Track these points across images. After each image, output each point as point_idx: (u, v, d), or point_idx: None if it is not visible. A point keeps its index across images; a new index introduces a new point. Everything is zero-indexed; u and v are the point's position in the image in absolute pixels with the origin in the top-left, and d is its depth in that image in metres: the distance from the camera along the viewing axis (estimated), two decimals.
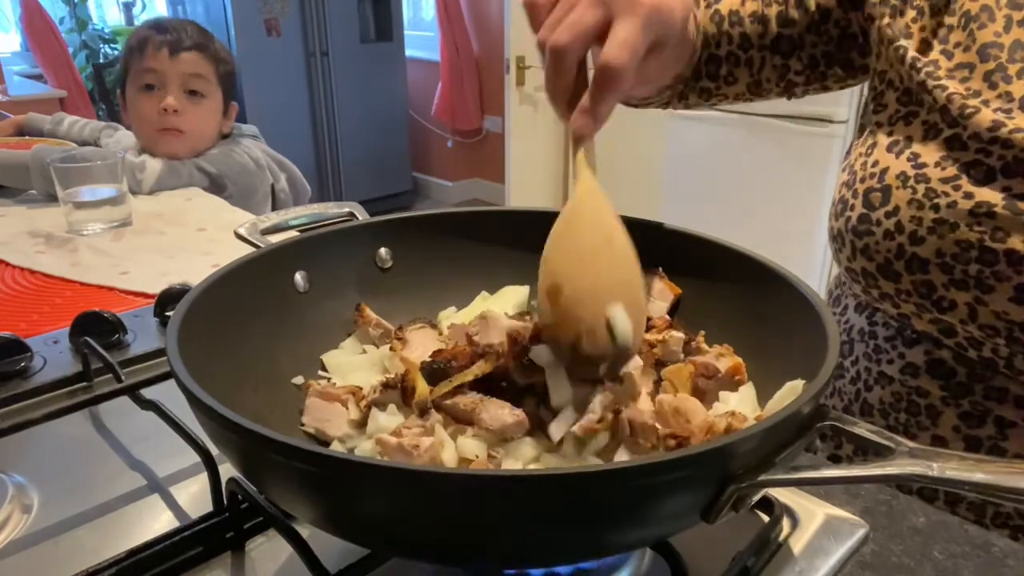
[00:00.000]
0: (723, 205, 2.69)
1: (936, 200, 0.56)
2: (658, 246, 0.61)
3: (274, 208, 1.62)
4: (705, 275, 0.58)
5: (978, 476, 0.33)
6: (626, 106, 0.77)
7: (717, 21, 0.71)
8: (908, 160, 0.58)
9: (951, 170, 0.55)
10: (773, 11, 0.69)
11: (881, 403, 0.65)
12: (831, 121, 2.35)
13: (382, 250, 0.64)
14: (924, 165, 0.57)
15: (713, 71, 0.72)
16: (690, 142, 2.80)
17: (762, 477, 0.36)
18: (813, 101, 0.81)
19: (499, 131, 4.13)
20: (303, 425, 0.52)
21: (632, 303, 0.46)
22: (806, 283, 0.50)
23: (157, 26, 1.52)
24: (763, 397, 0.51)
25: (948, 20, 0.59)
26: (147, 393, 0.61)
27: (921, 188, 0.56)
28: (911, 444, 0.36)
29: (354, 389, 0.53)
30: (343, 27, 4.15)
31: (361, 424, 0.51)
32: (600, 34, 0.48)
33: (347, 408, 0.52)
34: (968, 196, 0.54)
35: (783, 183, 2.51)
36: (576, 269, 0.47)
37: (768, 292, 0.52)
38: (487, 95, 4.39)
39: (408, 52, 4.47)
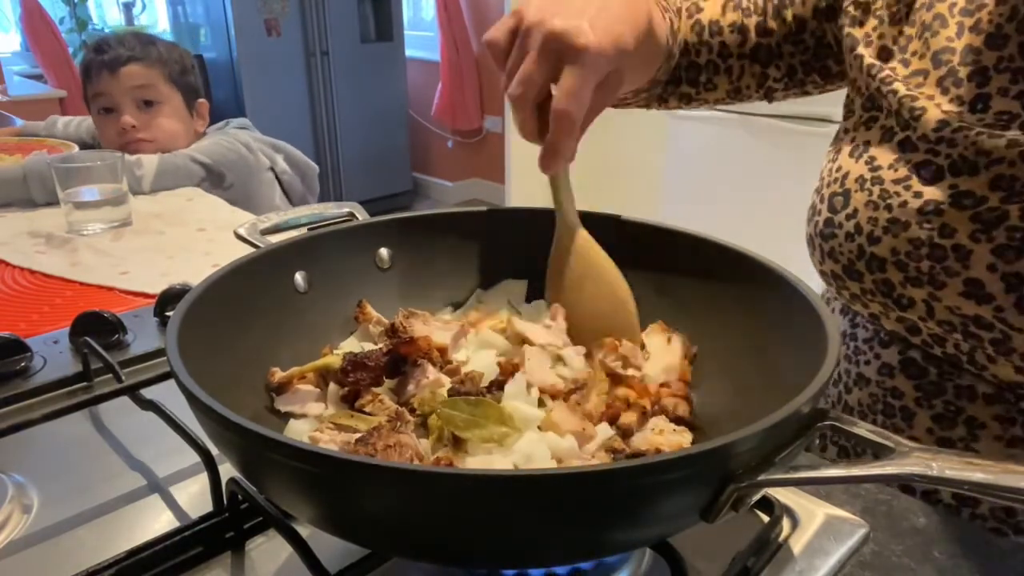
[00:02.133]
0: (723, 205, 2.69)
1: (889, 200, 0.58)
2: (658, 247, 0.61)
3: (283, 191, 1.61)
4: (705, 275, 0.58)
5: (978, 476, 0.33)
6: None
7: (697, 31, 0.73)
8: (866, 163, 0.60)
9: (903, 171, 0.58)
10: (752, 22, 0.71)
11: (860, 404, 0.66)
12: (831, 121, 2.35)
13: (382, 250, 0.64)
14: (879, 167, 0.59)
15: (693, 77, 0.74)
16: (690, 142, 2.80)
17: (762, 477, 0.36)
18: (812, 101, 0.82)
19: (499, 131, 4.14)
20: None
21: (622, 319, 0.57)
22: (806, 283, 0.50)
23: (96, 47, 1.50)
24: (762, 400, 0.51)
25: (908, 30, 0.60)
26: (147, 393, 0.61)
27: (876, 190, 0.59)
28: (911, 444, 0.36)
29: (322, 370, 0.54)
30: (343, 27, 4.14)
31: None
32: (553, 80, 0.51)
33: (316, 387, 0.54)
34: (917, 195, 0.56)
35: (783, 183, 2.51)
36: (575, 310, 0.58)
37: (768, 292, 0.52)
38: (487, 95, 4.39)
39: (408, 52, 4.47)
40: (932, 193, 0.55)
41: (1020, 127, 0.53)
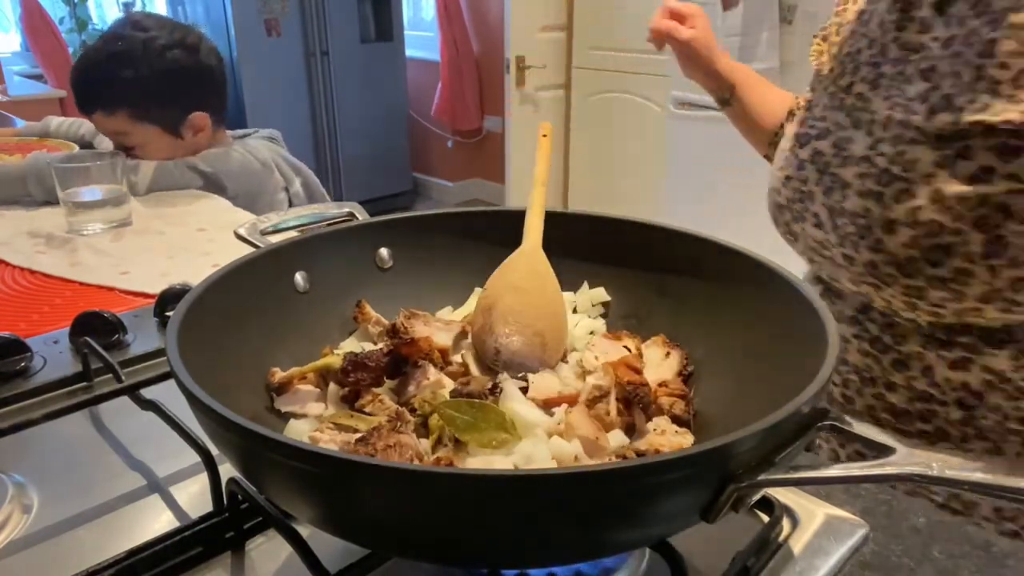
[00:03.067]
0: (724, 205, 2.69)
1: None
2: (659, 247, 0.61)
3: None
4: (705, 275, 0.58)
5: (977, 476, 0.33)
6: None
7: None
8: None
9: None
10: None
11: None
12: None
13: (382, 250, 0.64)
14: None
15: None
16: (691, 142, 2.80)
17: (762, 477, 0.36)
18: None
19: (499, 131, 4.14)
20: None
21: (553, 329, 0.57)
22: (806, 283, 0.50)
23: (74, 79, 1.40)
24: (762, 400, 0.51)
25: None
26: (147, 393, 0.61)
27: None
28: (911, 446, 0.36)
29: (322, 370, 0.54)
30: (343, 27, 4.14)
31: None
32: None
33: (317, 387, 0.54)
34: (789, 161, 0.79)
35: None
36: (507, 296, 0.57)
37: (768, 292, 0.52)
38: (487, 95, 4.39)
39: (408, 52, 4.47)
40: (801, 154, 0.78)
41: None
